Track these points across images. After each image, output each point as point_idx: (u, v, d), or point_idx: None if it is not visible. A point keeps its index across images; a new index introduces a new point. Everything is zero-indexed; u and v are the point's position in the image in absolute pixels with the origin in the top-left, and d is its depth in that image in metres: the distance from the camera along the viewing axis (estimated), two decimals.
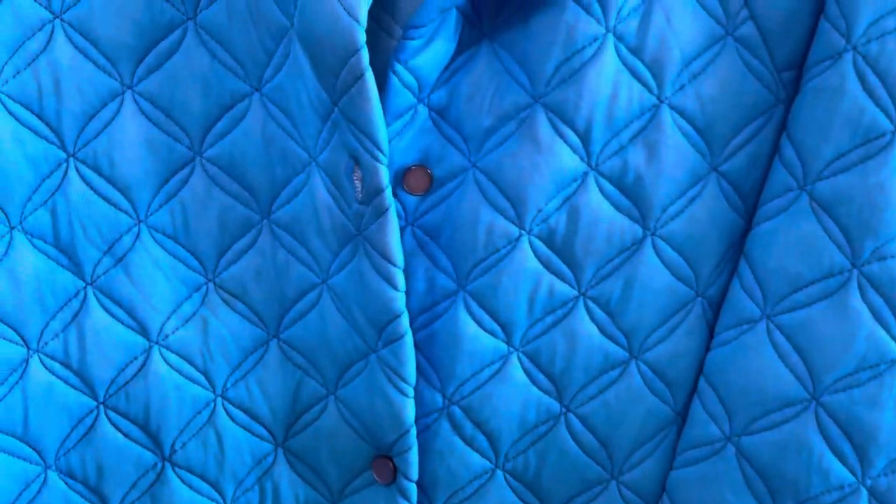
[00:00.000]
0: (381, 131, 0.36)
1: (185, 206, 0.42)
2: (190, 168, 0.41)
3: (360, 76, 0.35)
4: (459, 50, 0.39)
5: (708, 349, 0.42)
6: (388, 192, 0.38)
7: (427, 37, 0.37)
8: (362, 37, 0.35)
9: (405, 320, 0.40)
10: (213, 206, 0.42)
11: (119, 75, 0.40)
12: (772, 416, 0.39)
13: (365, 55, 0.35)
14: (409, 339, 0.40)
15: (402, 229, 0.41)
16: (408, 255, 0.41)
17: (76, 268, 0.42)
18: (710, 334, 0.42)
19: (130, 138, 0.40)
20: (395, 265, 0.39)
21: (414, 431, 0.42)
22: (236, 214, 0.42)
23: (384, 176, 0.37)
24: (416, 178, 0.41)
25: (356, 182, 0.39)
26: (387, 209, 0.38)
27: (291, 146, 0.41)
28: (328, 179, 0.40)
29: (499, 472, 0.43)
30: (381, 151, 0.37)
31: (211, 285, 0.43)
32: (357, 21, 0.34)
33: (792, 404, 0.38)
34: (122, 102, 0.40)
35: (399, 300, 0.39)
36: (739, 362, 0.40)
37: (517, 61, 0.39)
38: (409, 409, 0.41)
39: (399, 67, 0.38)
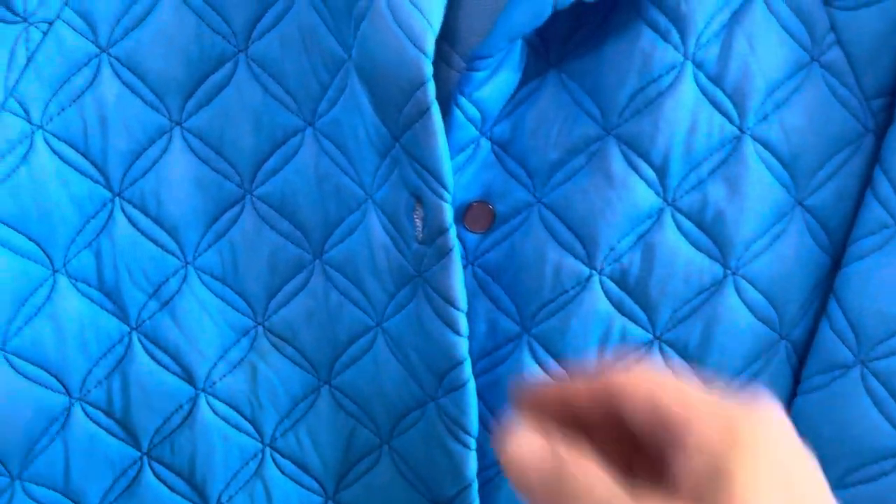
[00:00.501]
0: (447, 168, 0.34)
1: (234, 247, 0.40)
2: (240, 206, 0.39)
3: (425, 110, 0.33)
4: (524, 80, 0.37)
5: (793, 395, 0.39)
6: (453, 231, 0.35)
7: (492, 68, 0.35)
8: (429, 69, 0.32)
9: (468, 367, 0.37)
10: (264, 246, 0.40)
11: (167, 111, 0.38)
12: (868, 469, 0.36)
13: (431, 88, 0.33)
14: (471, 387, 0.38)
15: None
16: (468, 297, 0.38)
17: (121, 312, 0.40)
18: (794, 379, 0.39)
19: (178, 176, 0.39)
20: (457, 309, 0.36)
21: (476, 486, 0.39)
22: (287, 255, 0.40)
23: (448, 215, 0.35)
24: (477, 214, 0.39)
25: (416, 221, 0.36)
26: (450, 250, 0.36)
27: (346, 183, 0.39)
28: (385, 218, 0.38)
29: None
30: (446, 189, 0.35)
31: (260, 329, 0.41)
32: (424, 52, 0.32)
33: (891, 456, 0.35)
34: (170, 139, 0.38)
35: (462, 346, 0.37)
36: (831, 411, 0.37)
37: (587, 91, 0.37)
38: (471, 462, 0.39)
39: (462, 100, 0.35)
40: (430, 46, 0.32)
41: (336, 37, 0.36)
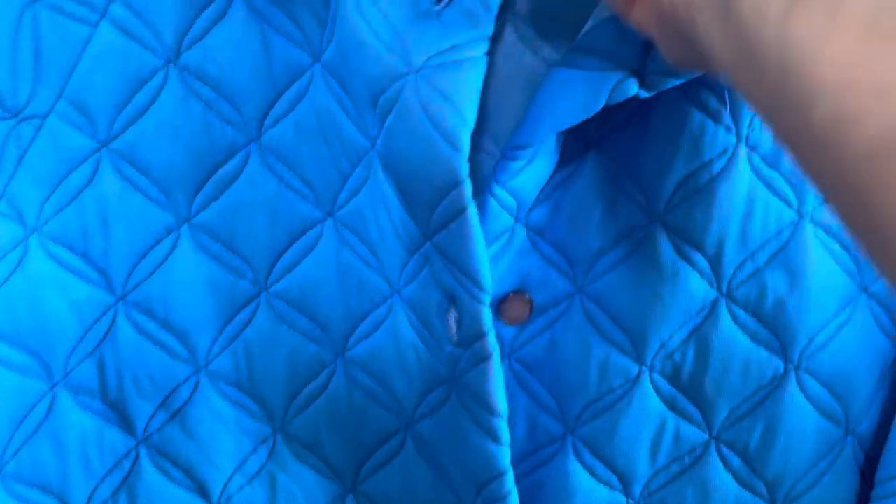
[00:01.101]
0: (484, 269, 0.31)
1: (249, 349, 0.36)
2: (254, 305, 0.36)
3: (460, 211, 0.30)
4: (561, 162, 0.34)
5: (860, 496, 0.36)
6: (492, 335, 0.32)
7: (530, 156, 0.32)
8: (465, 168, 0.30)
9: (510, 478, 0.34)
10: (281, 347, 0.37)
11: (174, 207, 0.35)
12: None
13: (468, 189, 0.30)
14: (514, 500, 0.34)
15: None
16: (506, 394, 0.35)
17: (126, 424, 0.37)
18: (861, 478, 0.36)
19: (187, 277, 0.35)
20: (497, 416, 0.33)
21: None
22: (307, 354, 0.37)
23: (487, 318, 0.32)
24: (513, 306, 0.36)
25: (450, 321, 0.33)
26: (489, 355, 0.32)
27: (369, 277, 0.35)
28: (414, 316, 0.35)
29: None
30: (484, 291, 0.32)
31: (279, 436, 0.37)
32: (458, 150, 0.29)
33: None
34: (177, 238, 0.35)
35: (503, 456, 0.34)
36: None
37: (630, 175, 0.34)
38: None
39: (497, 189, 0.33)
40: (466, 144, 0.29)
41: (357, 124, 0.33)
